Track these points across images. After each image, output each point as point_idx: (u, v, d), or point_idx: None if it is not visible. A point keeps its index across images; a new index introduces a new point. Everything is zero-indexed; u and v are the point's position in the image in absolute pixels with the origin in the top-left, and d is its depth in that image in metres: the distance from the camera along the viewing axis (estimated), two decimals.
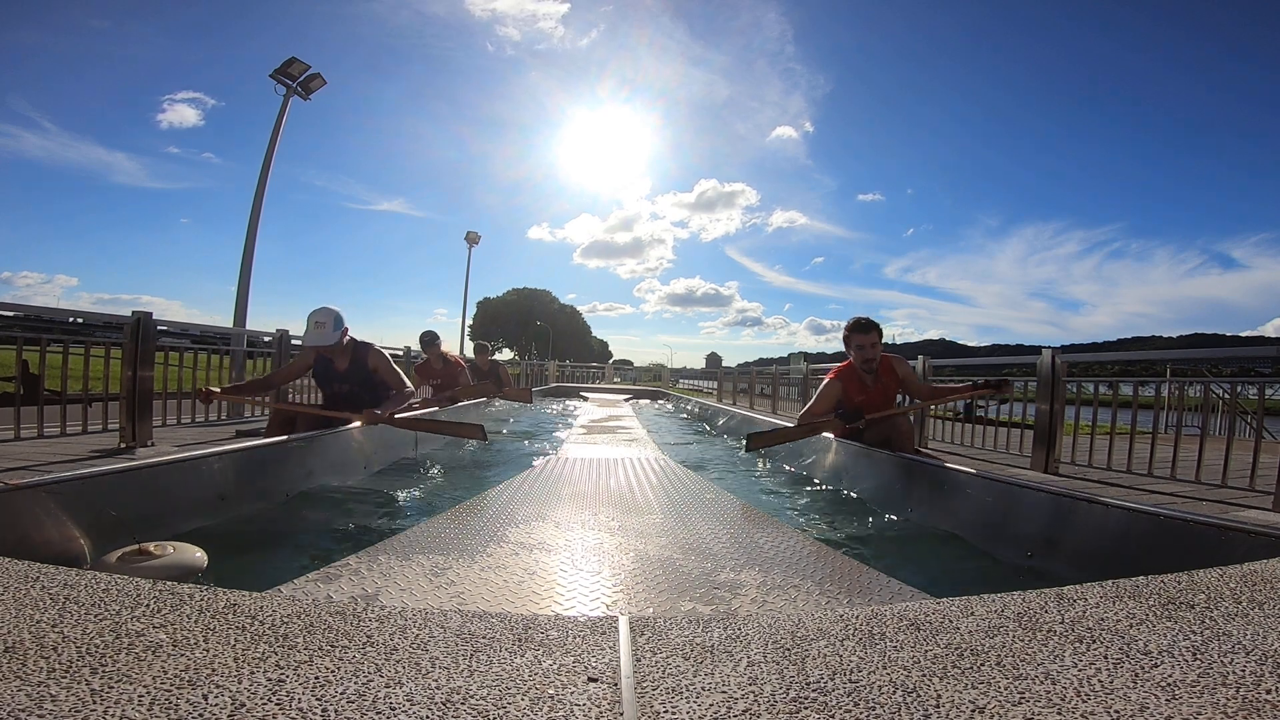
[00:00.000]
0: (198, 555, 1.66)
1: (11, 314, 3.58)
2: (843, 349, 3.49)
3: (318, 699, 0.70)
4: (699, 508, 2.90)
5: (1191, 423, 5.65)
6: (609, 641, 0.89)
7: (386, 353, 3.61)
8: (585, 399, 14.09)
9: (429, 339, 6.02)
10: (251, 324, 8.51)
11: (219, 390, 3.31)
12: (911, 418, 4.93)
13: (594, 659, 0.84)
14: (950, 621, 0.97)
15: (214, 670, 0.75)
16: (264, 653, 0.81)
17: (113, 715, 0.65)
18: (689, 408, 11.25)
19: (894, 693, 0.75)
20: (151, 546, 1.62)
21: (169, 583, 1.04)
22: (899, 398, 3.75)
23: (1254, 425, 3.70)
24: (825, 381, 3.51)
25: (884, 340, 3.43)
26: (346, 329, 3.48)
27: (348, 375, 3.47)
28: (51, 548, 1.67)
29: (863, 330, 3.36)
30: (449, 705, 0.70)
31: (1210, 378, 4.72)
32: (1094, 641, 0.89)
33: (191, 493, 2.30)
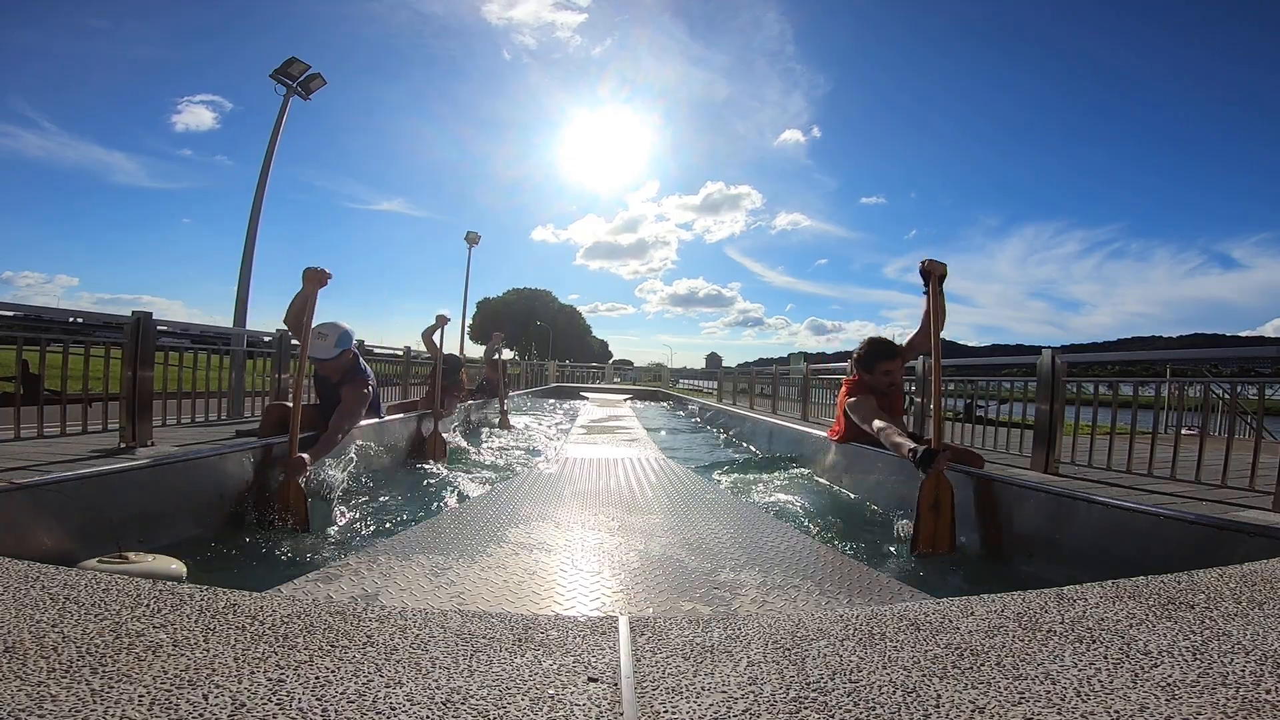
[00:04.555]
0: (173, 567, 1.66)
1: (11, 314, 3.56)
2: (844, 348, 3.45)
3: (318, 699, 0.70)
4: (699, 507, 2.90)
5: (1191, 423, 5.64)
6: (609, 641, 0.89)
7: (366, 393, 3.34)
8: (585, 399, 14.11)
9: (456, 366, 5.84)
10: (251, 324, 8.50)
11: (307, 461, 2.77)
12: (908, 417, 4.93)
13: (594, 659, 0.84)
14: (950, 621, 0.97)
15: (214, 670, 0.75)
16: (264, 653, 0.81)
17: (113, 715, 0.65)
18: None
19: (894, 693, 0.75)
20: (131, 555, 1.63)
21: (169, 583, 1.04)
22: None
23: (1254, 425, 3.70)
24: (857, 400, 3.19)
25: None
26: (351, 351, 3.32)
27: (332, 390, 3.34)
28: (50, 547, 1.67)
29: (889, 357, 3.19)
30: (449, 705, 0.70)
31: (1210, 378, 4.72)
32: (1094, 641, 0.89)
33: (191, 492, 2.30)
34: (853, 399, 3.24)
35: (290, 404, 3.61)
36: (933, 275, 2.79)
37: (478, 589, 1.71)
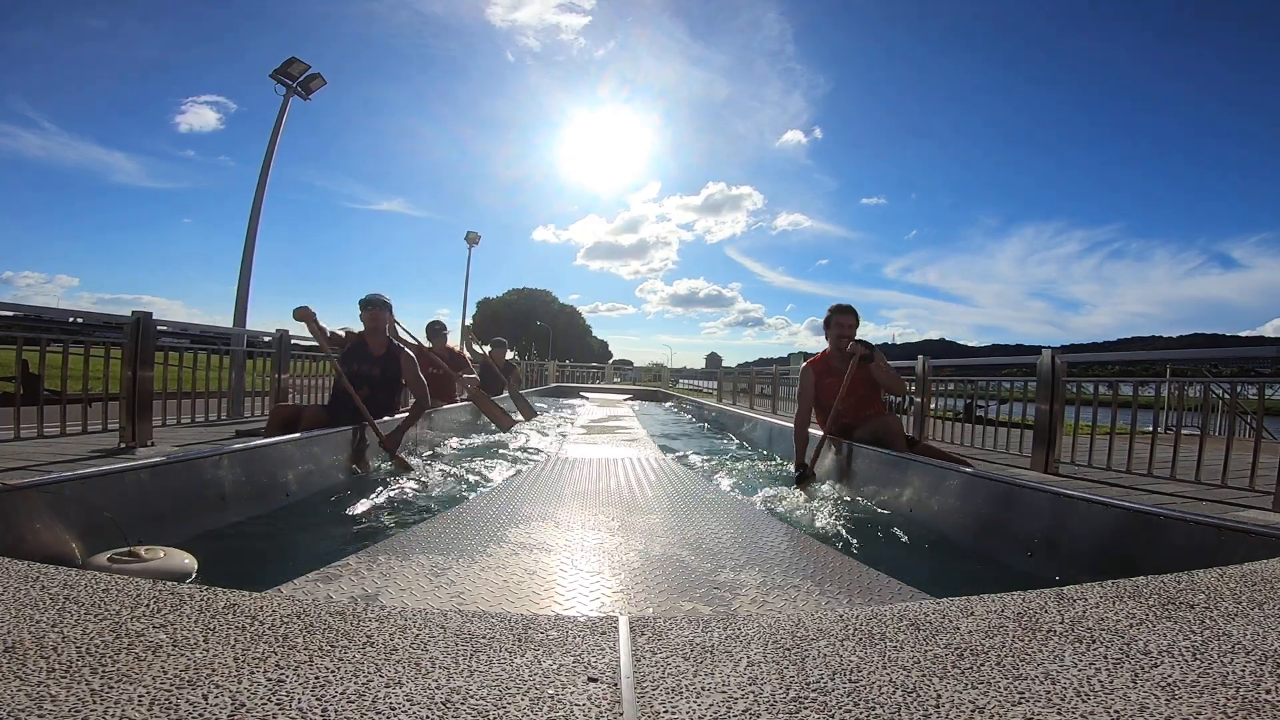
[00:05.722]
0: (186, 561, 1.66)
1: (11, 314, 3.57)
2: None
3: (318, 699, 0.70)
4: (699, 507, 2.90)
5: (1191, 423, 5.64)
6: (609, 641, 0.89)
7: (414, 357, 3.94)
8: (585, 399, 14.11)
9: (436, 328, 5.98)
10: (251, 324, 8.50)
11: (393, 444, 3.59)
12: (906, 417, 4.94)
13: (594, 659, 0.84)
14: (950, 621, 0.97)
15: (214, 670, 0.75)
16: (264, 653, 0.80)
17: (113, 715, 0.65)
18: None
19: (894, 693, 0.75)
20: (143, 550, 1.63)
21: (169, 583, 1.04)
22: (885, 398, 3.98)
23: (1254, 425, 3.70)
24: (804, 370, 3.78)
25: (884, 341, 3.52)
26: (391, 317, 3.97)
27: (378, 363, 3.76)
28: (50, 548, 1.67)
29: (844, 312, 3.66)
30: (449, 705, 0.70)
31: (1210, 378, 4.72)
32: (1094, 641, 0.89)
33: (191, 493, 2.30)
34: (803, 367, 3.86)
35: (294, 405, 3.77)
36: (854, 355, 3.40)
37: (478, 589, 1.71)
